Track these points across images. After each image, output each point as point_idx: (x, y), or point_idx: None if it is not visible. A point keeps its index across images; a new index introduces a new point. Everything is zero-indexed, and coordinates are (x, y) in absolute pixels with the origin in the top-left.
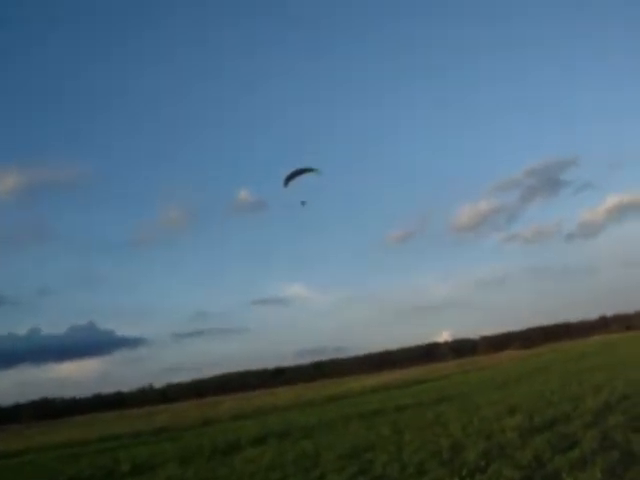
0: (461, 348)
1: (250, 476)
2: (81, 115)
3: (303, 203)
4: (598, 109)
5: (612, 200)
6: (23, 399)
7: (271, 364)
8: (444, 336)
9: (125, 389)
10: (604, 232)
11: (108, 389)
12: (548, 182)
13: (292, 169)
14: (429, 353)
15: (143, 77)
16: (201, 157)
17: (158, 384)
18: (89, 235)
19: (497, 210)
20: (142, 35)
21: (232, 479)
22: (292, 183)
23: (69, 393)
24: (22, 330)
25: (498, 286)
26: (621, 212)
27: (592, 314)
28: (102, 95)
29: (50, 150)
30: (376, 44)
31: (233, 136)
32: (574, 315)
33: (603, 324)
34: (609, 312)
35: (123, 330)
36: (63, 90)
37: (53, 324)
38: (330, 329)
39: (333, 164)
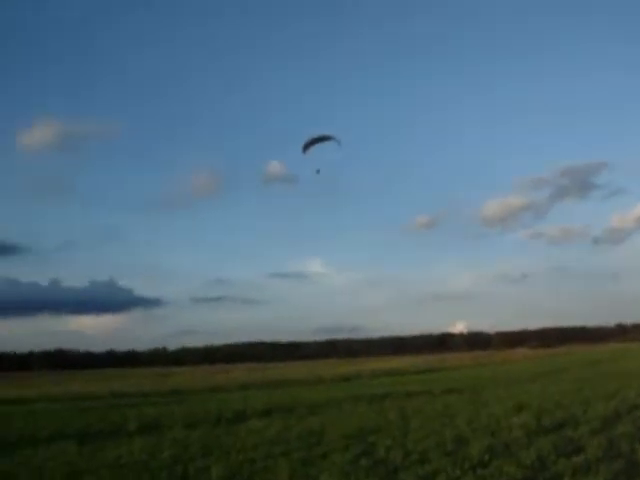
0: (475, 341)
1: (253, 447)
2: (118, 73)
3: (318, 171)
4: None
5: None
6: (38, 348)
7: (285, 338)
8: (459, 327)
9: (139, 348)
10: (630, 239)
11: (122, 346)
12: (580, 184)
13: (314, 136)
14: (443, 343)
15: (180, 41)
16: (235, 125)
17: (172, 346)
18: (117, 192)
19: (526, 206)
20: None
21: (236, 448)
22: (322, 158)
23: (84, 346)
24: (44, 281)
25: (518, 282)
26: None
27: (610, 321)
28: (141, 57)
29: (86, 105)
30: (426, 25)
31: (269, 107)
32: (592, 320)
33: (621, 332)
34: (628, 320)
35: (142, 289)
36: (102, 47)
37: (74, 277)
38: (347, 308)
39: (366, 143)
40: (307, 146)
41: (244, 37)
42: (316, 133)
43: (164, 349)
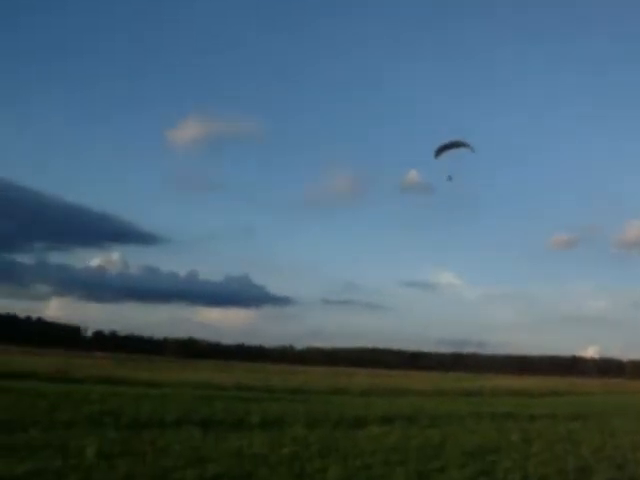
0: (607, 367)
1: (371, 453)
2: (267, 73)
3: (450, 178)
4: None
5: None
6: (172, 335)
7: (410, 347)
8: (590, 352)
9: (267, 344)
10: None
11: (251, 341)
12: None
13: (447, 141)
14: (572, 366)
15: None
16: (379, 131)
17: (299, 345)
18: (259, 191)
19: None
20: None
21: (354, 452)
22: (460, 172)
23: (214, 338)
24: (182, 271)
25: None
26: None
27: None
28: (289, 61)
29: (232, 104)
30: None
31: (414, 115)
32: None
33: None
34: None
35: (274, 287)
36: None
37: (211, 270)
38: (475, 322)
39: (508, 157)
40: (439, 151)
41: (391, 41)
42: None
43: (291, 347)
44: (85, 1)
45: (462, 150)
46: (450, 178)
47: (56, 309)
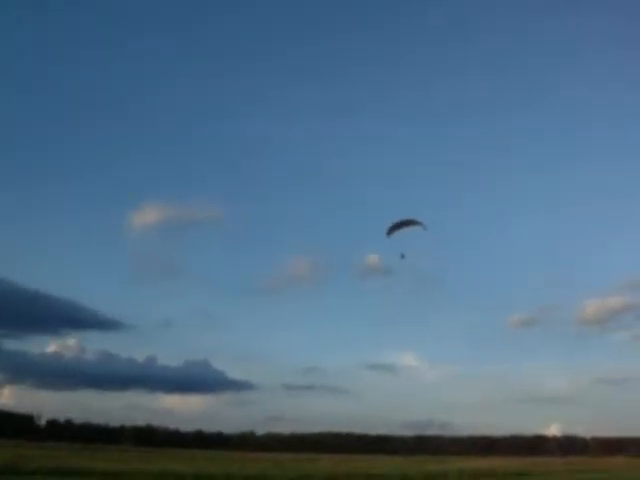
0: (570, 445)
1: None
2: (227, 159)
3: (402, 256)
4: None
5: None
6: (130, 423)
7: (373, 431)
8: (553, 430)
9: (227, 430)
10: None
11: (211, 427)
12: None
13: (398, 219)
14: (535, 445)
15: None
16: (336, 216)
17: (260, 431)
18: (216, 276)
19: (627, 307)
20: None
21: None
22: (417, 253)
23: (173, 425)
24: (141, 357)
25: (618, 386)
26: None
27: None
28: (250, 146)
29: (192, 189)
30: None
31: (368, 200)
32: None
33: None
34: None
35: (234, 372)
36: (218, 137)
37: (170, 356)
38: (438, 404)
39: (466, 239)
40: (392, 230)
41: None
42: (417, 235)
43: (252, 433)
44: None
45: (417, 229)
46: (403, 256)
47: (9, 397)
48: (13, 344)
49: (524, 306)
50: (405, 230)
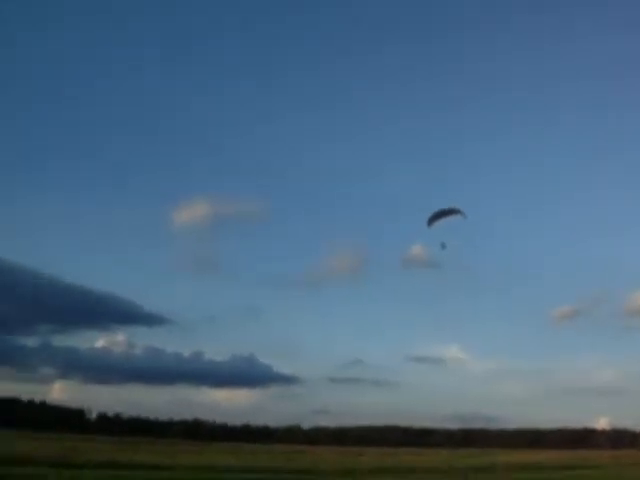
0: (619, 438)
1: None
2: (269, 154)
3: (443, 246)
4: None
5: None
6: (177, 417)
7: (418, 423)
8: (601, 423)
9: (273, 424)
10: None
11: (257, 421)
12: None
13: (438, 209)
14: (584, 439)
15: (325, 136)
16: (380, 207)
17: (305, 425)
18: (262, 270)
19: None
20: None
21: None
22: (461, 245)
23: (220, 419)
24: (187, 352)
25: None
26: None
27: None
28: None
29: (235, 184)
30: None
31: (412, 190)
32: None
33: None
34: None
35: (281, 366)
36: (257, 135)
37: (216, 350)
38: (484, 397)
39: (510, 230)
40: (432, 220)
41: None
42: (459, 225)
43: (298, 427)
44: (89, 78)
45: (459, 219)
46: (444, 246)
47: (60, 392)
48: (63, 340)
49: (569, 298)
50: (446, 219)
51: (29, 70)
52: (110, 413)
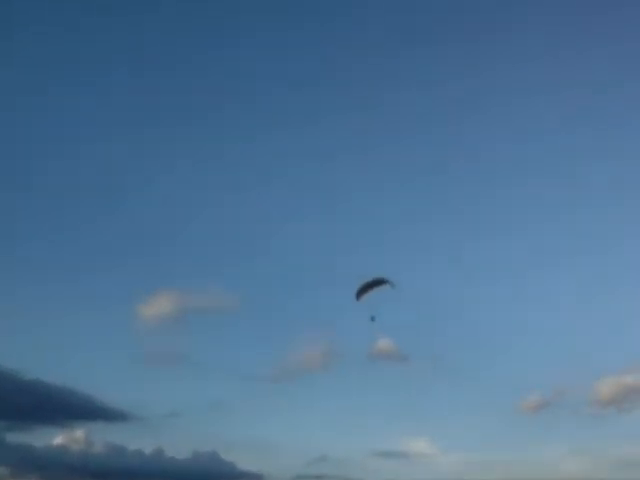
0: None
1: None
2: (236, 246)
3: (373, 319)
4: None
5: None
6: None
7: None
8: None
9: None
10: None
11: None
12: None
13: (365, 281)
14: None
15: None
16: (348, 299)
17: None
18: (227, 365)
19: None
20: None
21: None
22: (431, 336)
23: None
24: (148, 449)
25: (638, 468)
26: None
27: None
28: (257, 234)
29: (201, 277)
30: None
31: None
32: None
33: None
34: None
35: (244, 464)
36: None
37: (177, 447)
38: None
39: (477, 322)
40: (361, 293)
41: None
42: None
43: None
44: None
45: (387, 289)
46: (373, 319)
47: None
48: (17, 437)
49: (536, 389)
50: (378, 290)
51: None
52: None
